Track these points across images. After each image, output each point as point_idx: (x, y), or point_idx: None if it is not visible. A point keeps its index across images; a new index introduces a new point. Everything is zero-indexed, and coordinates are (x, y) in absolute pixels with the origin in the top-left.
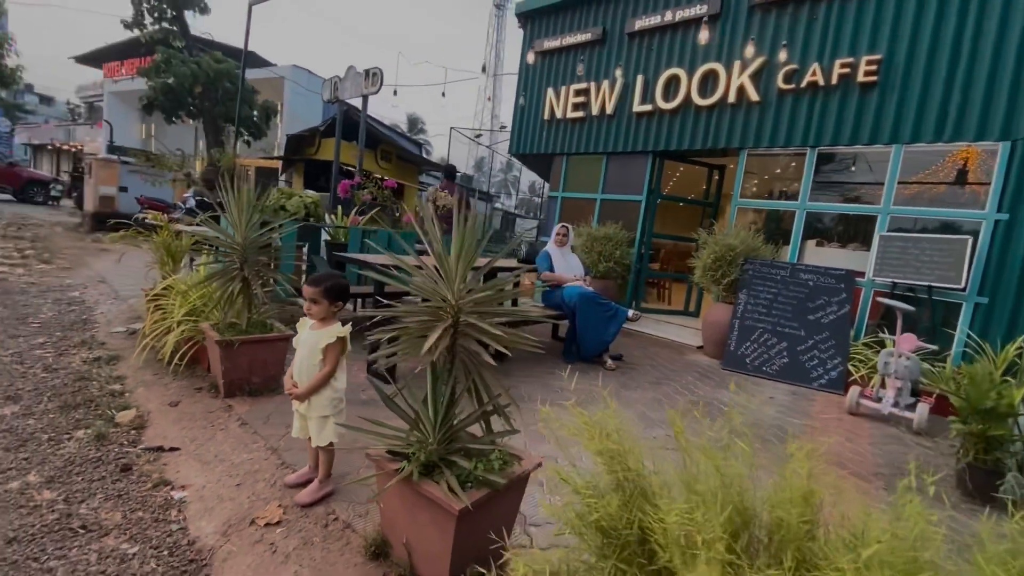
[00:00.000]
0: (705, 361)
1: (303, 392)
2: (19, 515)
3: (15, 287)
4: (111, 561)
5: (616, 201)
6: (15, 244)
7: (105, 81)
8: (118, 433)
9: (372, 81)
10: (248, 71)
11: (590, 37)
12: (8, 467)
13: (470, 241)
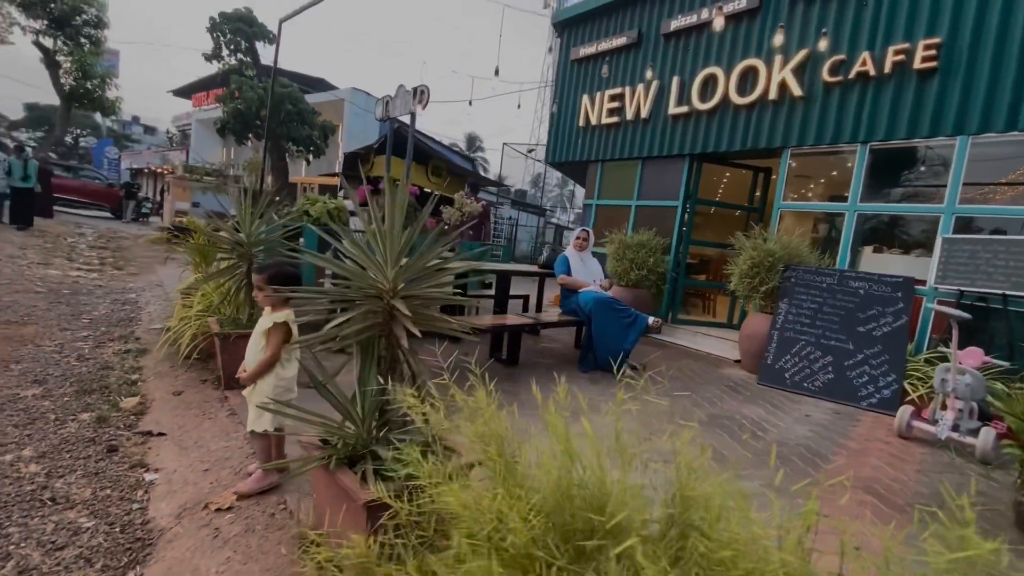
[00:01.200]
0: (739, 375)
1: (247, 377)
2: (1, 483)
3: (83, 289)
4: (64, 532)
5: (652, 207)
6: (98, 253)
7: (194, 110)
8: (119, 417)
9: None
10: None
11: (625, 41)
12: (10, 441)
13: (398, 224)
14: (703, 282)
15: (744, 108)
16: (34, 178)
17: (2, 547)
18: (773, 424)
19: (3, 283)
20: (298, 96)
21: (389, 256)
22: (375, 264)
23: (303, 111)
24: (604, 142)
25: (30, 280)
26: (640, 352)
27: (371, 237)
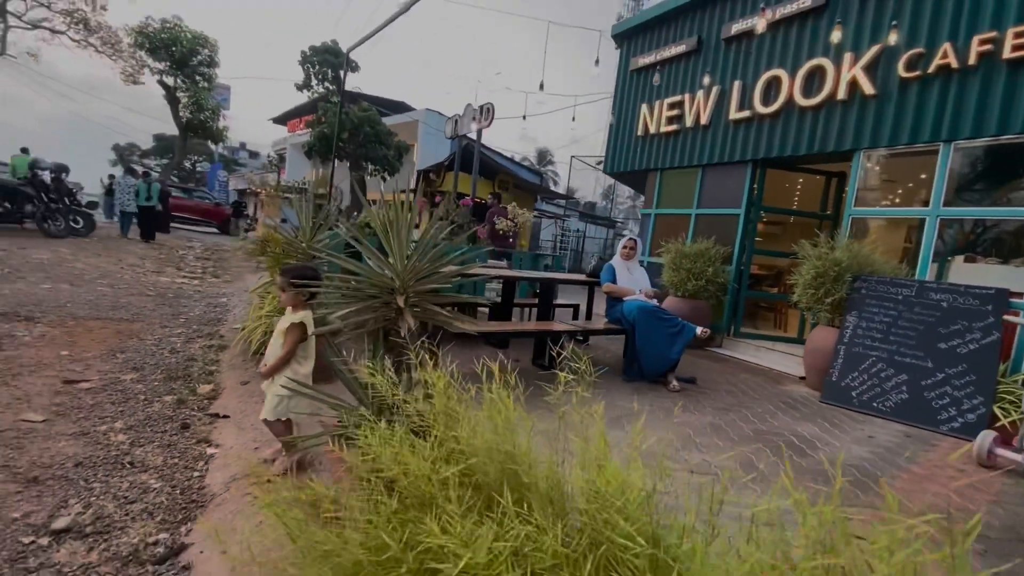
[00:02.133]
0: (801, 392)
1: (267, 371)
2: (95, 448)
3: (185, 293)
4: (135, 490)
5: (713, 216)
6: (202, 264)
7: (289, 135)
8: (195, 400)
9: (485, 115)
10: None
11: (684, 48)
12: (107, 415)
13: (403, 229)
14: (768, 293)
15: (810, 110)
16: (156, 198)
17: (85, 498)
18: (827, 443)
19: (123, 287)
20: (376, 119)
21: (398, 257)
22: (387, 265)
23: (380, 132)
24: (663, 150)
25: (144, 285)
26: (694, 365)
27: (383, 240)
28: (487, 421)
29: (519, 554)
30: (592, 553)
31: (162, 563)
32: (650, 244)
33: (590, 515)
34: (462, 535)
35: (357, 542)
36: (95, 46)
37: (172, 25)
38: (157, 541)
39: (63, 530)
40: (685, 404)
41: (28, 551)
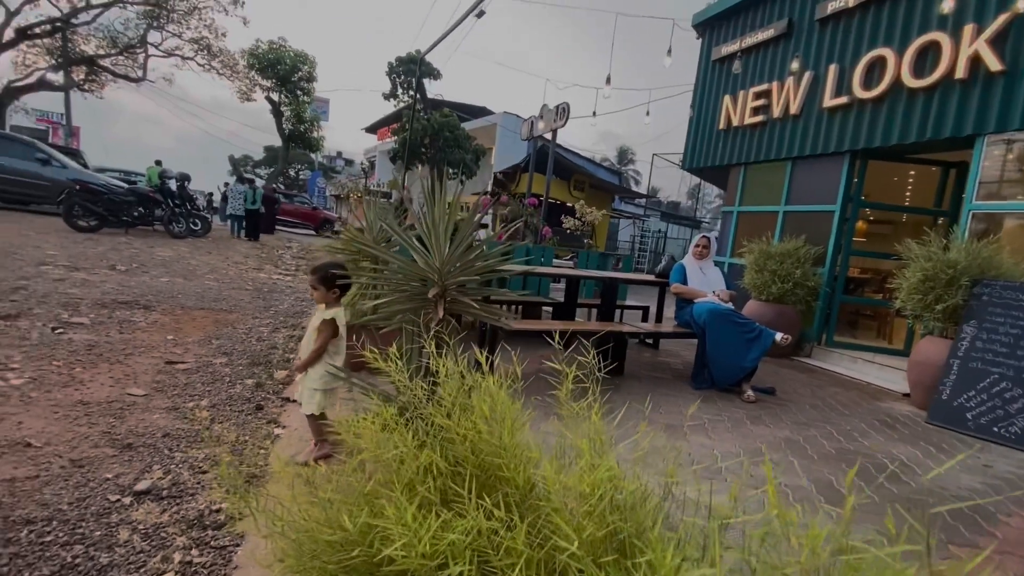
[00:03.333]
0: (903, 410)
1: (300, 365)
2: (181, 422)
3: (278, 288)
4: (208, 462)
5: (803, 213)
6: (296, 262)
7: (378, 143)
8: (271, 385)
9: (560, 115)
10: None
11: (773, 33)
12: (196, 393)
13: (441, 224)
14: (868, 299)
15: (922, 92)
16: (259, 202)
17: (166, 465)
18: (929, 469)
19: (227, 281)
20: (455, 124)
21: (436, 251)
22: (425, 257)
23: (459, 137)
24: (747, 143)
25: (244, 280)
26: (776, 375)
27: (424, 234)
28: (482, 412)
29: (477, 548)
30: (553, 548)
31: (220, 528)
32: (732, 244)
33: (544, 514)
34: (411, 524)
35: (318, 520)
36: (217, 69)
37: (278, 46)
38: (220, 509)
39: (144, 492)
40: (760, 416)
41: (112, 508)
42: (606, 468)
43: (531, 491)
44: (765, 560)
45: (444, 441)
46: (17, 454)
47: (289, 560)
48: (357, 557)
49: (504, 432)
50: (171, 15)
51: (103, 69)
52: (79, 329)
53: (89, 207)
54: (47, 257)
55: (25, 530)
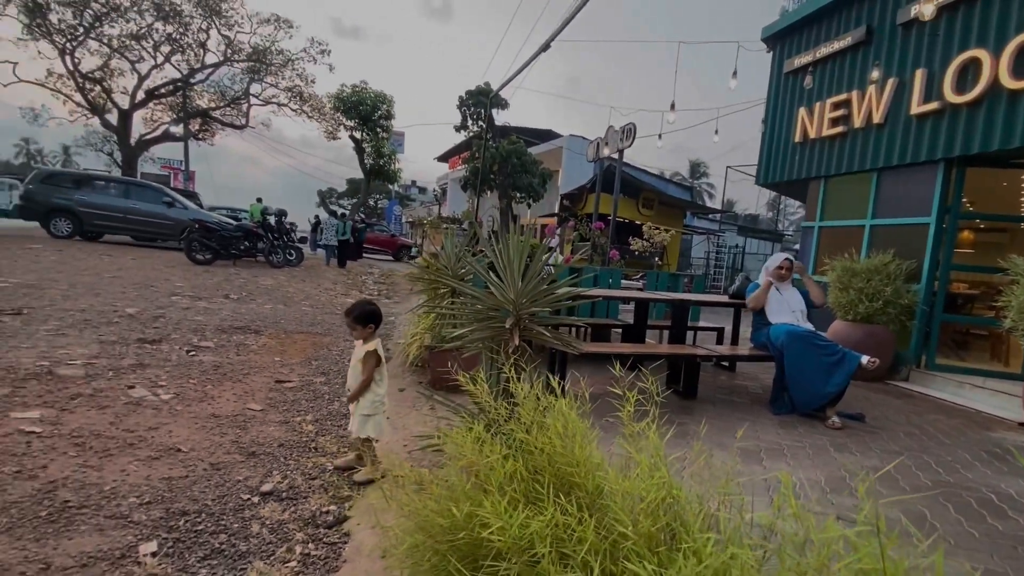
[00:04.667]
0: (1019, 441)
1: (351, 395)
2: (292, 434)
3: None
4: (316, 469)
5: (893, 226)
6: (378, 287)
7: (449, 171)
8: None
9: (626, 136)
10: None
11: (850, 41)
12: (302, 409)
13: (515, 255)
14: (975, 318)
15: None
16: (348, 233)
17: (283, 471)
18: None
19: (320, 306)
20: (522, 150)
21: (509, 282)
22: (500, 288)
23: (526, 162)
24: (827, 156)
25: (334, 305)
26: (866, 400)
27: (499, 268)
28: (556, 429)
29: (555, 537)
30: (615, 541)
31: (331, 528)
32: (814, 261)
33: (606, 512)
34: (504, 514)
35: (434, 509)
36: (307, 113)
37: (360, 88)
38: (328, 511)
39: (268, 493)
40: (845, 443)
41: (245, 505)
42: (660, 476)
43: (599, 495)
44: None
45: (524, 453)
46: (171, 457)
47: (412, 539)
48: (463, 539)
49: (576, 447)
50: (269, 68)
51: (214, 120)
52: (206, 352)
53: (205, 243)
54: (175, 288)
55: (182, 520)
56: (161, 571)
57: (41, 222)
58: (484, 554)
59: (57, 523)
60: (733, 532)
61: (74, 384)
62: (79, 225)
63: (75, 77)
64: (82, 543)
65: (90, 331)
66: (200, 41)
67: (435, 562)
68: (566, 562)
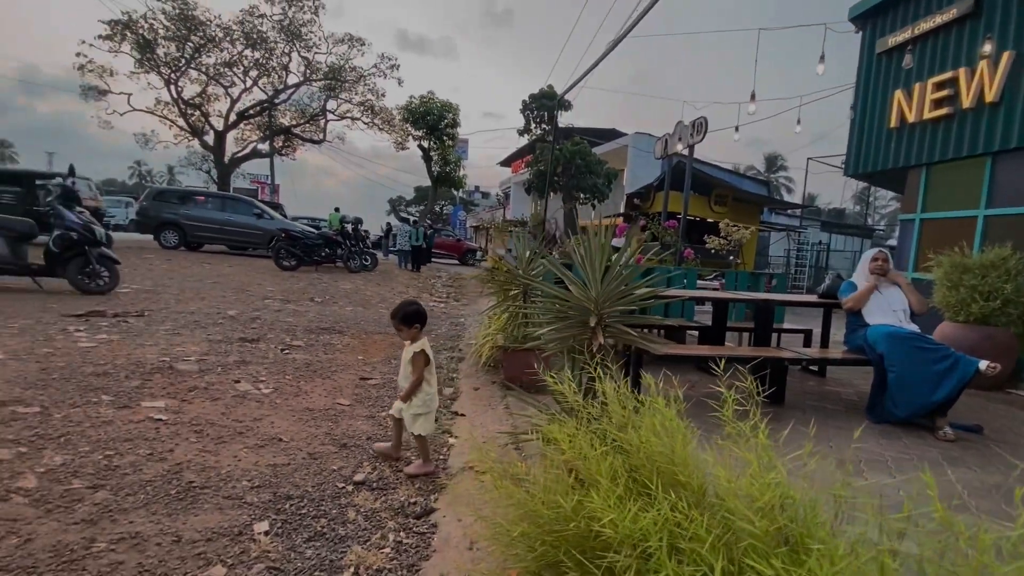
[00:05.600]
0: None
1: (403, 395)
2: (378, 428)
3: (435, 313)
4: (402, 462)
5: (1012, 217)
6: (447, 291)
7: (512, 175)
8: (441, 399)
9: (697, 130)
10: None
11: (955, 14)
12: (386, 404)
13: (597, 255)
14: None
15: None
16: (421, 239)
17: (373, 462)
18: None
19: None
20: (586, 151)
21: (592, 282)
22: (581, 288)
23: (590, 163)
24: (929, 141)
25: None
26: (984, 411)
27: (579, 265)
28: (652, 429)
29: (667, 531)
30: (728, 541)
31: (419, 518)
32: (914, 257)
33: (724, 509)
34: (615, 506)
35: (540, 500)
36: (378, 125)
37: (427, 99)
38: (416, 502)
39: (360, 482)
40: (960, 457)
41: (340, 492)
42: (773, 475)
43: (703, 495)
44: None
45: (618, 451)
46: (275, 446)
47: (519, 528)
48: (571, 530)
49: (676, 444)
50: (343, 84)
51: (295, 136)
52: (298, 350)
53: (290, 250)
54: (267, 292)
55: (287, 503)
56: (273, 548)
57: (153, 234)
58: (593, 546)
59: (184, 500)
60: (858, 538)
61: (190, 378)
62: (184, 236)
63: (178, 104)
64: (206, 519)
65: (200, 331)
66: (283, 64)
67: (541, 551)
68: (679, 558)
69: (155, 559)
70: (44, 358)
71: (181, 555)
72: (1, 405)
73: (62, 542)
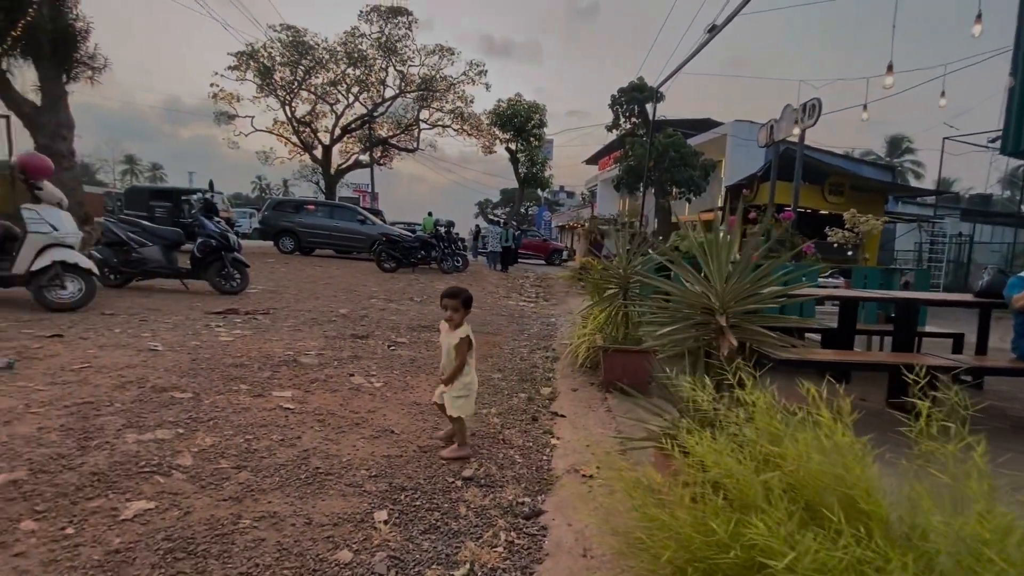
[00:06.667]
0: None
1: (447, 380)
2: (481, 426)
3: (525, 314)
4: (507, 461)
5: None
6: (537, 291)
7: (599, 173)
8: (539, 399)
9: (809, 114)
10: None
11: None
12: (487, 402)
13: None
14: None
15: None
16: (511, 240)
17: (479, 459)
18: None
19: (486, 308)
20: (680, 142)
21: (716, 279)
22: (705, 286)
23: (685, 155)
24: None
25: (499, 308)
26: None
27: (702, 261)
28: (814, 443)
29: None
30: None
31: (528, 519)
32: None
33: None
34: (785, 537)
35: (687, 522)
36: (467, 131)
37: (515, 102)
38: (523, 502)
39: (468, 478)
40: None
41: (450, 487)
42: (1010, 516)
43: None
44: None
45: (768, 467)
46: (387, 438)
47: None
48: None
49: (851, 464)
50: (435, 94)
51: (392, 146)
52: (403, 347)
53: (390, 253)
54: (372, 292)
55: (402, 494)
56: (392, 537)
57: (272, 240)
58: None
59: (312, 485)
60: None
61: (311, 371)
62: (298, 242)
63: (292, 122)
64: (331, 504)
65: (317, 328)
66: (380, 79)
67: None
68: None
69: (291, 539)
70: (193, 350)
71: (312, 537)
72: (163, 391)
73: (214, 516)
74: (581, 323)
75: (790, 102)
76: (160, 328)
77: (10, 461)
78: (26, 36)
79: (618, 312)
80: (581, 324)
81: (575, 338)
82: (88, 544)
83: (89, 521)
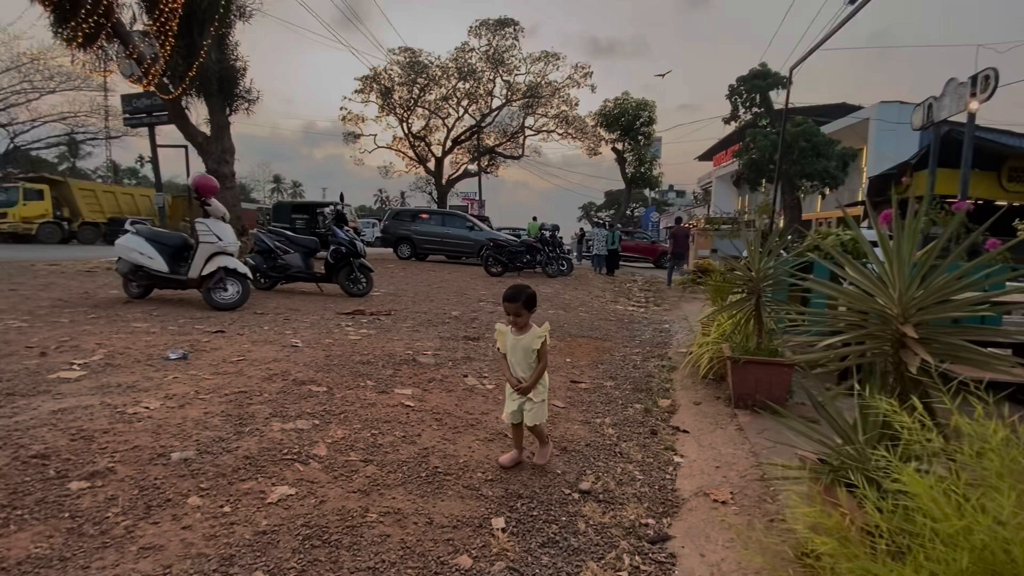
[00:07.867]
0: None
1: (530, 385)
2: (594, 435)
3: (635, 319)
4: (625, 476)
5: None
6: (645, 295)
7: (713, 169)
8: (657, 412)
9: (982, 87)
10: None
11: None
12: (599, 411)
13: (907, 247)
14: None
15: None
16: (617, 243)
17: (596, 472)
18: None
19: (594, 312)
20: (812, 131)
21: (896, 280)
22: (880, 289)
23: (818, 144)
24: None
25: (607, 312)
26: None
27: (873, 260)
28: None
29: None
30: None
31: (654, 543)
32: None
33: None
34: None
35: None
36: (571, 135)
37: (622, 100)
38: (647, 524)
39: (586, 491)
40: None
41: (567, 499)
42: None
43: None
44: None
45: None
46: (501, 441)
47: None
48: None
49: None
50: (540, 100)
51: (498, 154)
52: None
53: (497, 257)
54: (480, 296)
55: (518, 502)
56: (510, 547)
57: (392, 247)
58: None
59: (432, 484)
60: None
61: (429, 370)
62: (414, 248)
63: (409, 138)
64: (450, 506)
65: (432, 329)
66: (488, 90)
67: None
68: None
69: (413, 537)
70: (327, 347)
71: (433, 538)
72: (302, 384)
73: (345, 508)
74: (702, 331)
75: (954, 76)
76: (300, 326)
77: (183, 441)
78: (199, 77)
79: (748, 319)
80: (702, 332)
81: (696, 347)
82: (241, 523)
83: (242, 501)
